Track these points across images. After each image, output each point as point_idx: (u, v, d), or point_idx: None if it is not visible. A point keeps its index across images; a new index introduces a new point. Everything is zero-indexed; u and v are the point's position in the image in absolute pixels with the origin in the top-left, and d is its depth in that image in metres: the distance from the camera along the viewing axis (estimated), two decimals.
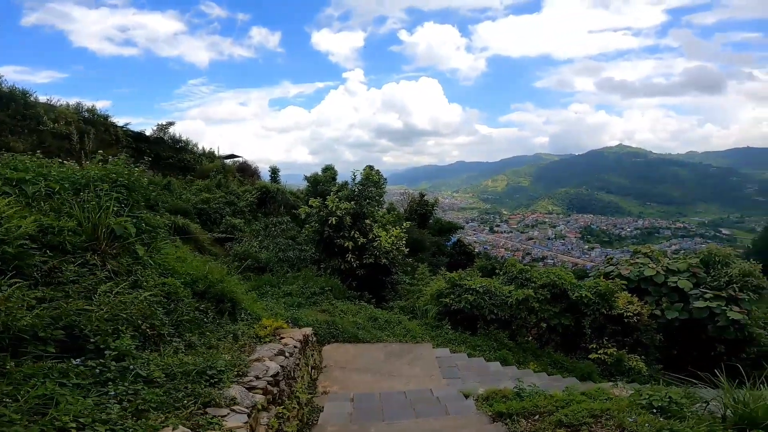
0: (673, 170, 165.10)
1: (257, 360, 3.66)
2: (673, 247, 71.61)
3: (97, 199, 4.16)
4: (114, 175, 4.88)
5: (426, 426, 4.59)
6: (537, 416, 4.18)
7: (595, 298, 9.78)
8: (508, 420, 4.29)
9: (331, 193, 12.53)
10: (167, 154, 20.39)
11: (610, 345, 9.37)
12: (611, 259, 12.76)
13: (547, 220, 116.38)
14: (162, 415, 2.37)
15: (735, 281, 10.87)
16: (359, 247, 12.04)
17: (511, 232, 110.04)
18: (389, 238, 12.44)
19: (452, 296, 9.87)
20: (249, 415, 2.72)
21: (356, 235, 11.97)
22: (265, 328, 4.90)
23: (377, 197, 13.13)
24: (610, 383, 6.37)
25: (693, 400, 3.95)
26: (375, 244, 12.14)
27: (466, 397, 5.62)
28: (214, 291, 4.94)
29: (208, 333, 4.28)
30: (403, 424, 4.70)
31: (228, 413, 2.62)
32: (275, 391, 3.46)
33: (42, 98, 17.11)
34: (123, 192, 4.76)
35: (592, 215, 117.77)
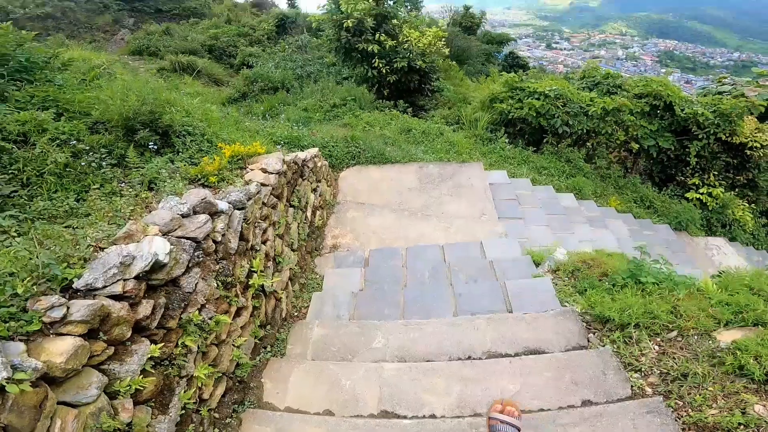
0: None
1: (126, 237, 1.91)
2: None
3: None
4: None
5: (465, 342, 2.71)
6: (675, 333, 2.47)
7: (714, 118, 7.21)
8: (618, 335, 2.50)
9: None
10: (169, 6, 20.91)
11: (717, 182, 7.32)
12: (724, 77, 9.79)
13: (618, 41, 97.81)
14: None
15: None
16: (388, 52, 9.76)
17: (573, 49, 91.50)
18: (424, 38, 9.96)
19: (510, 101, 7.68)
20: None
21: (382, 38, 9.53)
22: (213, 161, 3.08)
23: None
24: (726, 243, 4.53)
25: None
26: (405, 45, 9.78)
27: (536, 264, 3.80)
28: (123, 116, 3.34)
29: (95, 185, 2.75)
30: (430, 327, 2.88)
31: None
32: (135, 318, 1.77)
33: None
34: None
35: (676, 41, 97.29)
